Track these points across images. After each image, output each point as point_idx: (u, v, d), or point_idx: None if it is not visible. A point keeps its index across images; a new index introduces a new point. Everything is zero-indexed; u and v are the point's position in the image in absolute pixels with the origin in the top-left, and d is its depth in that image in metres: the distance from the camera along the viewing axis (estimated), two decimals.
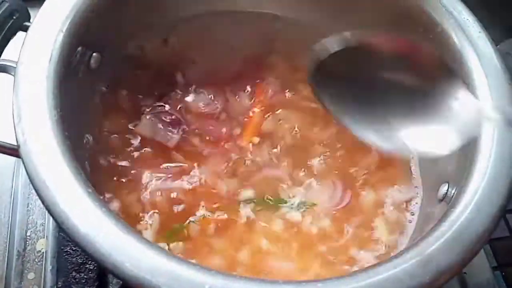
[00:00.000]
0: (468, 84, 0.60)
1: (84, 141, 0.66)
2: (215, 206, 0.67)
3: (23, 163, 0.49)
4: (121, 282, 0.69)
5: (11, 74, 0.82)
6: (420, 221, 0.67)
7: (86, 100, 0.68)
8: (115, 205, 0.65)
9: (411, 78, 0.53)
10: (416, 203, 0.69)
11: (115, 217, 0.47)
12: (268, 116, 0.76)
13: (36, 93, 0.53)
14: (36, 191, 0.47)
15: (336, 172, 0.72)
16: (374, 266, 0.47)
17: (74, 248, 0.72)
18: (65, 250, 0.72)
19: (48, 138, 0.50)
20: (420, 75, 0.53)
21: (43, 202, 0.47)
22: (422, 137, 0.54)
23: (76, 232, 0.45)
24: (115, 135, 0.71)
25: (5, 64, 0.65)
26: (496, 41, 0.64)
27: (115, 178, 0.68)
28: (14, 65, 0.79)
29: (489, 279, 0.80)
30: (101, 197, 0.50)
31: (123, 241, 0.45)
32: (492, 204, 0.51)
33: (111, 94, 0.73)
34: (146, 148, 0.71)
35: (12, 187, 0.78)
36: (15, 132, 0.50)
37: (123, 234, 0.45)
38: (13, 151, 0.52)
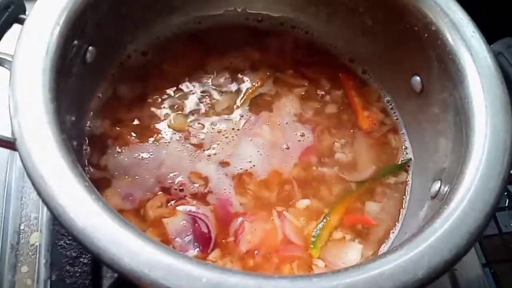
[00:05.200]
0: (462, 82, 0.61)
1: (81, 133, 0.66)
2: None
3: (20, 156, 0.49)
4: (115, 275, 0.70)
5: (5, 67, 0.82)
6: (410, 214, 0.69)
7: (83, 93, 0.68)
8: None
9: None
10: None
11: (112, 211, 0.47)
12: None
13: (33, 86, 0.52)
14: (33, 184, 0.47)
15: None
16: (368, 261, 0.47)
17: (68, 242, 0.72)
18: (59, 243, 0.72)
19: (44, 132, 0.50)
20: None
21: (40, 195, 0.47)
22: None
23: (74, 226, 0.45)
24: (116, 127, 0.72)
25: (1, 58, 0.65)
26: (489, 41, 0.64)
27: None
28: (7, 57, 0.79)
29: (479, 275, 0.82)
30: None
31: (121, 235, 0.45)
32: (484, 202, 0.51)
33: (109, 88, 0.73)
34: None
35: (6, 180, 0.77)
36: (12, 125, 0.50)
37: (121, 228, 0.45)
38: (9, 144, 0.52)
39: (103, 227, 0.45)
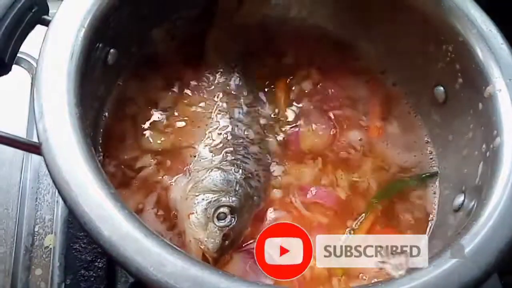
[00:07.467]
0: (490, 95, 0.60)
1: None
2: None
3: (45, 161, 0.48)
4: (130, 281, 0.69)
5: (21, 66, 0.81)
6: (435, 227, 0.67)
7: (100, 96, 0.67)
8: None
9: None
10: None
11: (138, 220, 0.46)
12: None
13: (57, 90, 0.52)
14: (59, 191, 0.47)
15: None
16: (397, 278, 0.47)
17: (83, 245, 0.71)
18: (74, 247, 0.71)
19: (70, 136, 0.49)
20: None
21: (65, 202, 0.46)
22: None
23: (99, 234, 0.44)
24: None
25: (19, 57, 0.64)
26: None
27: None
28: (27, 58, 0.79)
29: (494, 285, 0.80)
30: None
31: (147, 245, 0.44)
32: None
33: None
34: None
35: (21, 181, 0.76)
36: (37, 129, 0.49)
37: (147, 238, 0.45)
38: (33, 147, 0.51)
39: (129, 236, 0.45)
